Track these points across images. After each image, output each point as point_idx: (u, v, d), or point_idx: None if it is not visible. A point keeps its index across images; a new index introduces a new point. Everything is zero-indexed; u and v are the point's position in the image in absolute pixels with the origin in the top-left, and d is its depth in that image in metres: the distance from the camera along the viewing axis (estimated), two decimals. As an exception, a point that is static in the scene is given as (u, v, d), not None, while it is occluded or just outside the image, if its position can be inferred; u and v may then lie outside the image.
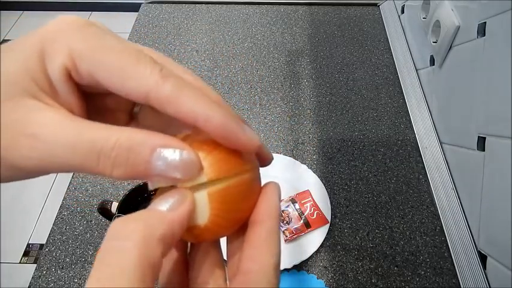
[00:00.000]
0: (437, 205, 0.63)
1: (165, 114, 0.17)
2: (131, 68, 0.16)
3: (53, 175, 1.68)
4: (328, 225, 0.59)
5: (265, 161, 0.23)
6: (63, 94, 0.17)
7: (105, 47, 0.17)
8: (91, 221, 0.61)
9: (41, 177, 0.18)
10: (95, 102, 0.20)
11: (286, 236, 0.58)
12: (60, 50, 0.17)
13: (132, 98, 0.17)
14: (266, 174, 0.21)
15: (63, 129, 0.16)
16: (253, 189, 0.21)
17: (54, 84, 0.17)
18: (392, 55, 0.86)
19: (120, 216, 0.55)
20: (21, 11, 2.56)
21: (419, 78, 0.77)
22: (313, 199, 0.62)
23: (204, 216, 0.18)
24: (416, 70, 0.79)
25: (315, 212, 0.60)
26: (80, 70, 0.17)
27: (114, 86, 0.17)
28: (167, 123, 0.21)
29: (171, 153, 0.17)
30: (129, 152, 0.16)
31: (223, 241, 0.22)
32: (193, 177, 0.17)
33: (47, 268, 0.57)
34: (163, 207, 0.17)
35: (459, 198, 0.59)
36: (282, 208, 0.61)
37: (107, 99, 0.21)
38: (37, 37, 0.17)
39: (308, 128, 0.74)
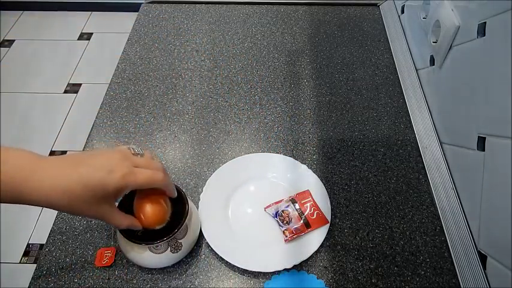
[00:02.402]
0: (437, 205, 0.63)
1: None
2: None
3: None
4: (328, 225, 0.59)
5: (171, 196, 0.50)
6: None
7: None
8: (91, 221, 0.61)
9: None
10: None
11: (286, 236, 0.58)
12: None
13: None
14: (266, 175, 0.21)
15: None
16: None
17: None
18: (392, 55, 0.86)
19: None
20: (21, 11, 2.56)
21: (419, 78, 0.77)
22: (313, 199, 0.62)
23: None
24: (416, 70, 0.79)
25: (315, 212, 0.60)
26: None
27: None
28: None
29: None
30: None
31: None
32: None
33: (47, 268, 0.57)
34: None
35: (459, 198, 0.59)
36: (282, 208, 0.61)
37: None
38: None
39: (308, 128, 0.74)
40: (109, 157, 0.40)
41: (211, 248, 0.57)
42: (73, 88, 2.12)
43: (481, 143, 0.52)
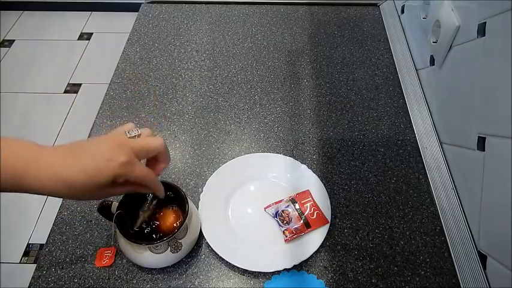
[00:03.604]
0: (437, 205, 0.63)
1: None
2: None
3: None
4: (328, 225, 0.59)
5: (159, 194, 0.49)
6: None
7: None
8: (91, 221, 0.61)
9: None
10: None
11: (286, 236, 0.58)
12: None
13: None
14: (266, 175, 0.21)
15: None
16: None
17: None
18: (392, 55, 0.86)
19: (120, 215, 0.54)
20: (21, 11, 2.55)
21: (419, 78, 0.77)
22: (313, 199, 0.62)
23: None
24: (416, 70, 0.79)
25: (315, 212, 0.60)
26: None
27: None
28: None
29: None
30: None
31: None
32: None
33: (47, 268, 0.57)
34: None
35: (459, 198, 0.59)
36: (282, 208, 0.61)
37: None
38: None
39: (308, 128, 0.74)
40: (107, 145, 0.41)
41: (211, 248, 0.57)
42: (73, 88, 2.12)
43: (481, 143, 0.52)
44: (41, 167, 0.38)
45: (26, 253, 1.50)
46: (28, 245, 1.52)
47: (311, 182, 0.64)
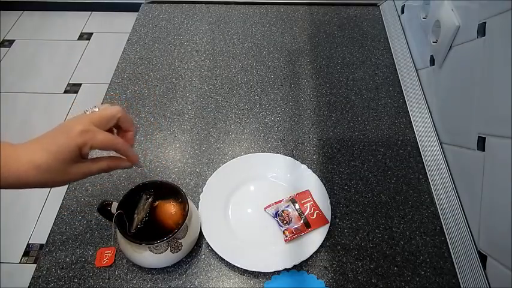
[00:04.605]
0: (437, 205, 0.63)
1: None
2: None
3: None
4: (328, 225, 0.59)
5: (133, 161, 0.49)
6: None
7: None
8: (91, 221, 0.61)
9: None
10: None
11: (286, 236, 0.58)
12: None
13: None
14: (266, 175, 0.21)
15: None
16: None
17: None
18: (392, 55, 0.86)
19: (120, 215, 0.54)
20: (21, 11, 2.55)
21: (419, 78, 0.77)
22: (313, 199, 0.62)
23: None
24: (416, 70, 0.79)
25: (315, 212, 0.60)
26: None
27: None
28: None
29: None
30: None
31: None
32: None
33: (47, 268, 0.57)
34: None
35: (459, 198, 0.59)
36: (282, 208, 0.61)
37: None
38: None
39: (308, 128, 0.74)
40: (66, 123, 0.43)
41: (211, 248, 0.57)
42: (73, 88, 2.12)
43: (481, 143, 0.52)
44: (15, 160, 0.40)
45: (26, 253, 1.50)
46: (28, 245, 1.52)
47: (311, 182, 0.64)
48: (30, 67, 2.23)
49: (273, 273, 0.56)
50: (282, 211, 0.61)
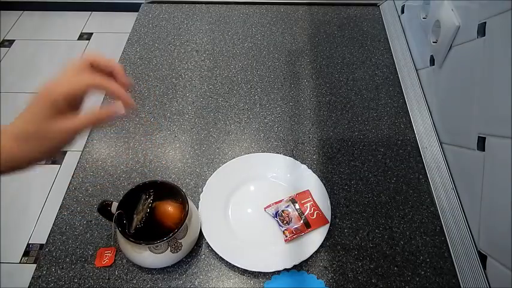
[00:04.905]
0: (437, 205, 0.63)
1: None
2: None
3: (53, 175, 1.68)
4: (328, 225, 0.59)
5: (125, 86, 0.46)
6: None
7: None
8: (91, 221, 0.61)
9: (41, 177, 0.19)
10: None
11: (286, 236, 0.58)
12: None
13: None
14: (266, 175, 0.21)
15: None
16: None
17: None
18: (392, 55, 0.86)
19: (120, 215, 0.54)
20: (21, 11, 2.55)
21: (419, 78, 0.77)
22: (313, 199, 0.62)
23: None
24: (416, 70, 0.79)
25: (315, 212, 0.60)
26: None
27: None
28: None
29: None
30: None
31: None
32: None
33: (47, 268, 0.57)
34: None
35: (459, 198, 0.59)
36: (282, 208, 0.61)
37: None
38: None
39: (308, 128, 0.74)
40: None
41: (211, 248, 0.57)
42: (73, 88, 2.12)
43: (481, 143, 0.52)
44: (2, 139, 0.38)
45: (26, 253, 1.50)
46: (28, 245, 1.52)
47: (311, 182, 0.64)
48: (30, 67, 2.23)
49: (273, 273, 0.56)
50: (282, 211, 0.61)
